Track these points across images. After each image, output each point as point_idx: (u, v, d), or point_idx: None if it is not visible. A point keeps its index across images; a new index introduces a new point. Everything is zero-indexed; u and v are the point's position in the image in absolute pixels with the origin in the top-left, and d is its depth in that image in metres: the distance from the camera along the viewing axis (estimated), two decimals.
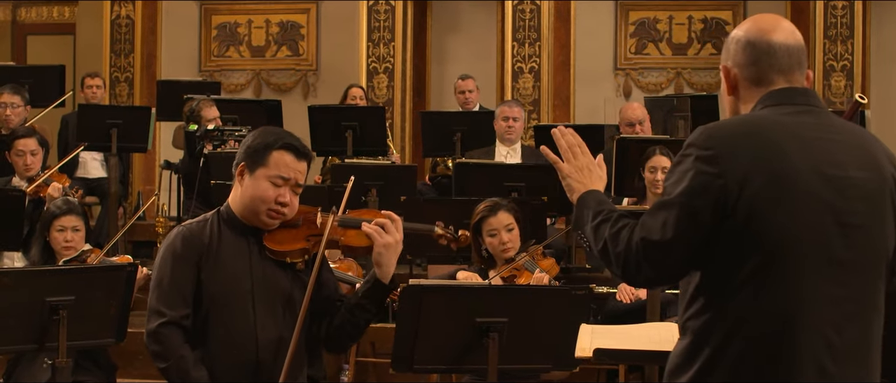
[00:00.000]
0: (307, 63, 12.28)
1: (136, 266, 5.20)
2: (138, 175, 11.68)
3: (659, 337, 3.64)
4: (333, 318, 3.93)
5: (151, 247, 9.92)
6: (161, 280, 3.83)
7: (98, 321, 4.93)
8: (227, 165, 7.50)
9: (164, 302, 3.79)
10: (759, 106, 2.83)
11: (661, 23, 11.68)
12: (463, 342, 4.28)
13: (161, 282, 3.83)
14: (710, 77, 11.50)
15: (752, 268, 2.67)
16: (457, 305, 4.31)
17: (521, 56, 11.20)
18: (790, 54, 2.85)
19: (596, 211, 2.95)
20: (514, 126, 8.51)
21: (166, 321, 3.77)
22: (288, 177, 3.82)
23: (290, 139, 3.87)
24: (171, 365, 3.76)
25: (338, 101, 10.26)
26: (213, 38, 12.38)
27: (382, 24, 11.42)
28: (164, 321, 3.77)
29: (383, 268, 3.87)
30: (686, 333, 2.78)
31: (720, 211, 2.67)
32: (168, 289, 3.80)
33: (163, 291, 3.81)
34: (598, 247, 2.88)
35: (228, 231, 3.88)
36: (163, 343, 3.78)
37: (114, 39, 12.07)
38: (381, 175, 7.53)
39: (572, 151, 3.16)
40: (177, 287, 3.79)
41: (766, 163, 2.69)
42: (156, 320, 3.79)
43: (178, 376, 3.76)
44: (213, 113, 8.17)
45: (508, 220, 5.41)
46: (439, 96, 12.00)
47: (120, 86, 11.99)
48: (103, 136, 8.94)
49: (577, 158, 3.14)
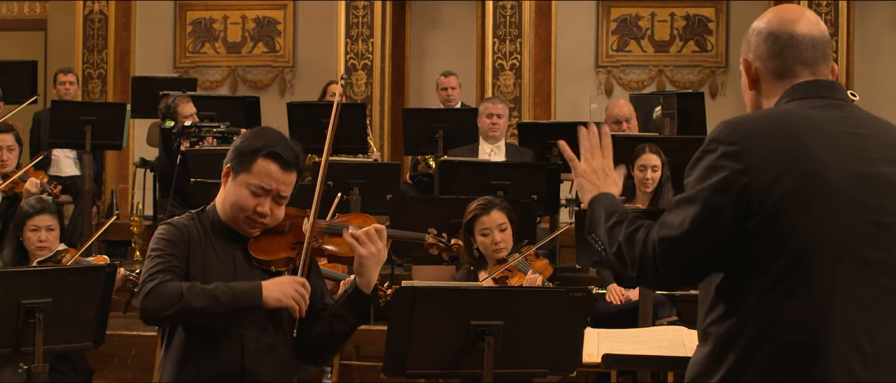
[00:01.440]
0: (284, 60, 12.11)
1: (115, 267, 5.02)
2: (112, 173, 11.47)
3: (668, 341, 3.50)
4: (313, 328, 3.72)
5: (126, 247, 9.75)
6: (152, 256, 3.55)
7: (75, 324, 4.75)
8: (205, 163, 7.46)
9: (159, 267, 3.50)
10: (783, 100, 2.69)
11: (643, 20, 11.56)
12: (457, 345, 4.13)
13: (152, 257, 3.55)
14: (693, 74, 11.40)
15: (779, 270, 2.53)
16: (451, 307, 4.16)
17: (502, 53, 11.06)
18: (815, 46, 2.72)
19: (609, 212, 2.82)
20: (498, 123, 8.37)
21: (163, 279, 3.47)
22: (269, 188, 3.59)
23: (279, 147, 3.60)
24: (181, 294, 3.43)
25: (315, 99, 10.10)
26: (187, 34, 12.19)
27: (361, 20, 11.25)
28: (162, 280, 3.46)
29: (365, 277, 3.67)
30: (708, 339, 2.63)
31: (744, 209, 2.54)
32: (162, 258, 3.52)
33: (153, 264, 3.52)
34: (613, 249, 2.74)
35: (213, 234, 3.68)
36: (164, 288, 3.44)
37: (86, 35, 11.85)
38: (364, 173, 7.37)
39: (593, 152, 3.01)
40: (173, 257, 3.54)
41: (794, 159, 2.56)
42: (150, 282, 3.46)
43: (196, 300, 3.44)
44: (190, 109, 7.98)
45: (501, 220, 5.26)
46: (418, 93, 11.86)
47: (93, 82, 11.77)
48: (77, 133, 8.74)
49: (595, 159, 3.00)
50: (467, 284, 4.89)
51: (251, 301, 3.50)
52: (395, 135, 11.58)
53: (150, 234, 9.13)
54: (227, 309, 3.47)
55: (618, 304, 6.35)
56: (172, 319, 3.51)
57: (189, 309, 3.44)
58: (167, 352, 3.65)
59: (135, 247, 9.55)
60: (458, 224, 5.88)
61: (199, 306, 3.44)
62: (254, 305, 3.50)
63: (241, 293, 3.49)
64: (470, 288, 4.30)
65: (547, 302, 4.27)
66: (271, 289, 3.52)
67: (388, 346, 4.19)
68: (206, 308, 3.45)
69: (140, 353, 7.26)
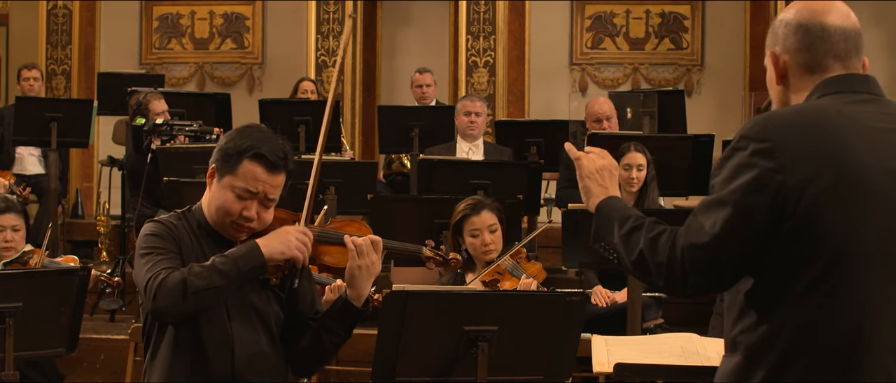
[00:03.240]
0: (253, 56, 11.90)
1: (89, 269, 4.82)
2: (76, 172, 11.22)
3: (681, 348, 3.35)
4: (302, 338, 3.55)
5: (91, 248, 9.54)
6: (145, 253, 3.34)
7: (48, 330, 4.56)
8: (177, 162, 7.25)
9: (157, 264, 3.29)
10: (815, 95, 2.54)
11: (618, 17, 11.45)
12: (450, 351, 3.96)
13: (145, 255, 3.34)
14: (668, 73, 11.29)
15: (814, 274, 2.39)
16: (444, 312, 3.99)
17: (475, 50, 10.91)
18: (846, 38, 2.57)
19: (622, 217, 2.65)
20: (476, 121, 8.20)
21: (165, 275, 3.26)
22: (255, 191, 3.40)
23: (266, 148, 3.41)
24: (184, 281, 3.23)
25: (285, 96, 9.90)
26: (154, 30, 11.97)
27: (332, 16, 11.06)
28: (164, 276, 3.26)
29: (356, 289, 3.52)
30: (737, 349, 2.48)
31: (779, 210, 2.39)
32: (156, 256, 3.32)
33: (150, 260, 3.31)
34: (632, 257, 2.57)
35: (199, 236, 3.49)
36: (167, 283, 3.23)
37: (50, 30, 11.60)
38: (340, 172, 7.16)
39: (600, 152, 2.85)
40: (167, 251, 3.34)
41: (830, 157, 2.41)
42: (154, 281, 3.25)
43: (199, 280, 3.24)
44: (162, 106, 7.77)
45: (492, 220, 5.09)
46: (390, 91, 11.69)
47: (57, 78, 11.52)
48: (42, 131, 8.51)
49: (602, 158, 2.84)
50: (461, 288, 4.72)
51: (253, 261, 3.31)
52: (366, 134, 11.42)
53: (118, 235, 9.06)
54: (231, 278, 3.28)
55: (603, 307, 6.22)
56: (187, 309, 3.29)
57: (196, 292, 3.24)
58: (153, 361, 3.45)
59: (101, 248, 9.35)
60: (441, 225, 5.73)
61: (203, 285, 3.25)
62: (258, 265, 3.32)
63: (240, 257, 3.30)
64: (464, 293, 4.14)
65: (542, 307, 4.10)
66: (272, 244, 3.34)
67: (377, 351, 4.03)
68: (211, 284, 3.26)
69: (109, 357, 7.06)
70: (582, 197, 2.86)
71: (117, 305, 7.83)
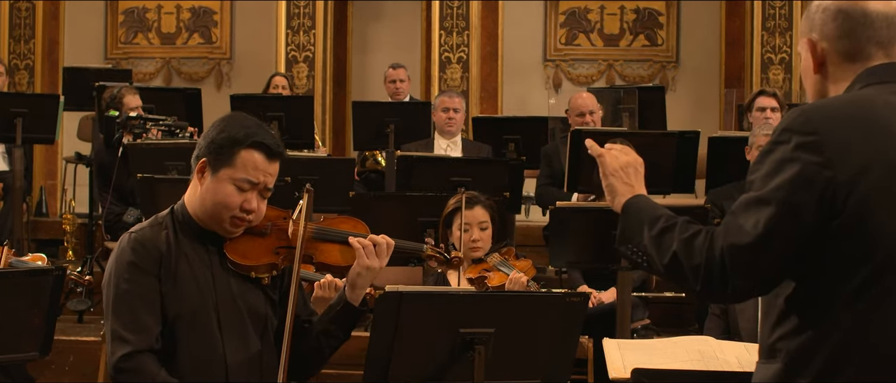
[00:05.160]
0: (221, 51, 11.70)
1: (64, 269, 4.61)
2: (40, 169, 10.97)
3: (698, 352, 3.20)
4: (299, 342, 3.39)
5: (57, 246, 9.31)
6: (118, 297, 3.21)
7: (20, 332, 4.34)
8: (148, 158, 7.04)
9: (126, 325, 3.17)
10: (857, 85, 2.39)
11: (593, 13, 11.34)
12: (445, 354, 3.81)
13: (118, 299, 3.20)
14: (643, 69, 11.19)
15: (866, 275, 2.24)
16: (439, 314, 3.83)
17: (449, 46, 10.75)
18: (889, 24, 2.42)
19: (653, 218, 2.49)
20: (455, 118, 8.03)
21: (132, 351, 3.16)
22: (256, 182, 3.26)
23: (262, 135, 3.28)
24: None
25: (253, 92, 9.70)
26: (119, 24, 11.74)
27: (302, 10, 10.86)
28: (130, 351, 3.15)
29: (358, 289, 3.42)
30: (776, 355, 2.33)
31: (827, 207, 2.24)
32: (129, 309, 3.18)
33: (122, 312, 3.18)
34: (664, 260, 2.40)
35: (185, 237, 3.31)
36: (136, 373, 3.15)
37: (13, 24, 11.36)
38: (316, 169, 6.95)
39: (623, 148, 2.69)
40: (139, 304, 3.19)
41: (879, 151, 2.27)
42: (120, 349, 3.15)
43: None
44: (136, 101, 7.56)
45: (484, 217, 4.94)
46: (361, 87, 11.51)
47: (20, 73, 11.28)
48: (7, 126, 8.25)
49: (626, 154, 2.68)
50: (457, 289, 4.57)
51: None
52: (337, 130, 11.24)
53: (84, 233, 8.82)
54: None
55: (590, 307, 6.07)
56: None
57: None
58: None
59: (67, 247, 9.13)
60: (425, 223, 5.58)
61: None
62: None
63: None
64: (460, 293, 3.98)
65: (541, 308, 3.95)
66: None
67: (369, 354, 3.86)
68: None
69: (79, 359, 6.84)
70: (606, 196, 2.69)
71: (85, 306, 7.62)
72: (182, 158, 6.66)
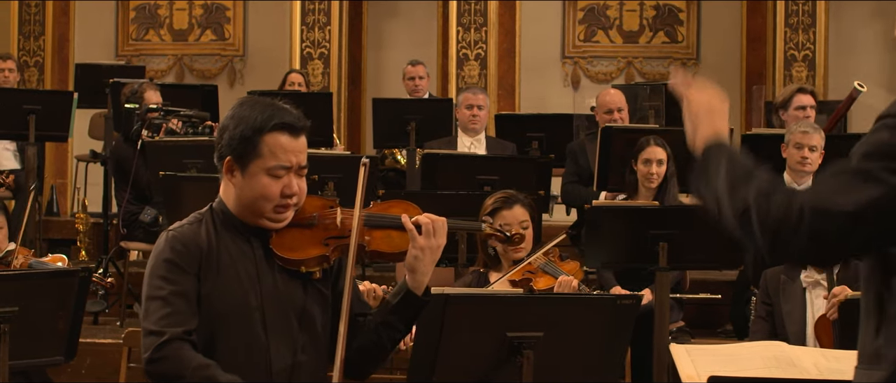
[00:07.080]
0: (234, 48, 11.53)
1: (91, 271, 4.45)
2: (50, 167, 10.82)
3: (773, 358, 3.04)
4: (354, 338, 3.21)
5: (68, 246, 9.14)
6: (154, 294, 3.04)
7: (45, 336, 4.18)
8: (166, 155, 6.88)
9: (161, 320, 3.01)
10: None
11: (612, 9, 11.17)
12: (491, 359, 3.68)
13: (154, 297, 3.04)
14: (663, 66, 11.02)
15: None
16: (485, 317, 3.68)
17: (466, 42, 10.59)
18: None
19: (733, 164, 2.31)
20: (479, 115, 7.86)
21: (168, 338, 2.99)
22: (289, 165, 3.08)
23: (281, 114, 3.08)
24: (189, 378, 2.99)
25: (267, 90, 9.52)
26: (130, 20, 11.58)
27: (317, 7, 10.70)
28: (165, 339, 2.99)
29: (419, 274, 3.16)
30: (881, 361, 2.16)
31: None
32: (165, 305, 3.02)
33: (158, 309, 3.02)
34: (736, 207, 2.22)
35: (227, 233, 3.14)
36: (171, 360, 2.99)
37: (22, 21, 11.22)
38: (339, 167, 6.80)
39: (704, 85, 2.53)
40: (176, 301, 3.02)
41: None
42: (154, 341, 3.00)
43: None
44: (157, 97, 7.42)
45: (524, 217, 4.75)
46: (376, 84, 11.33)
47: (29, 70, 11.14)
48: (19, 124, 8.08)
49: (709, 91, 2.52)
50: (505, 291, 4.39)
51: None
52: (352, 128, 11.08)
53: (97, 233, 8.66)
54: None
55: None
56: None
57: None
58: None
59: (80, 247, 8.97)
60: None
61: None
62: None
63: None
64: (509, 296, 3.81)
65: (592, 311, 3.80)
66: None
67: (413, 357, 3.79)
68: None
69: (96, 362, 6.68)
70: (687, 132, 2.50)
71: (101, 307, 7.47)
72: (201, 156, 6.51)
